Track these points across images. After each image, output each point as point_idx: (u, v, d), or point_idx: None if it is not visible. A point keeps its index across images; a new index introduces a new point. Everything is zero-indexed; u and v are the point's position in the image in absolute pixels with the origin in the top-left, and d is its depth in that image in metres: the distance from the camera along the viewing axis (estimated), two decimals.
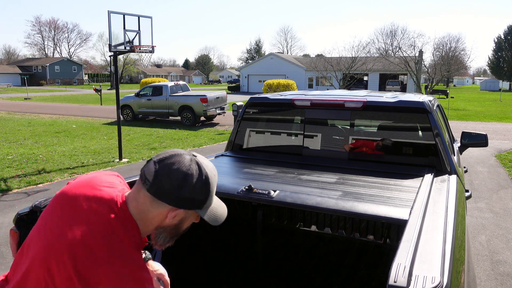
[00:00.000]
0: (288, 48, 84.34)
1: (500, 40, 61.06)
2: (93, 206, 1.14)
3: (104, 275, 1.02)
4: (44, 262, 1.07)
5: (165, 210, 1.13)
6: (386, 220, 1.73)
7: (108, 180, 1.25)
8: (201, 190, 1.13)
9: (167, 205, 1.12)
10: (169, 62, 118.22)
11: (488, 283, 3.56)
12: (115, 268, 1.03)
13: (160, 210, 1.13)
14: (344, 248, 2.65)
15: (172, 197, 1.10)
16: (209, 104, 15.06)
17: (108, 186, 1.22)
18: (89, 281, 1.02)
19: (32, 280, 1.09)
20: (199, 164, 1.14)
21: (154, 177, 1.10)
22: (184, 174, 1.11)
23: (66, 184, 1.28)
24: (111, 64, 37.41)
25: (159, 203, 1.12)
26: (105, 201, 1.15)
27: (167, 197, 1.10)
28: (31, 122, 15.91)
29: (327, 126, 3.10)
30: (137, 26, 8.26)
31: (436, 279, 1.12)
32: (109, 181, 1.24)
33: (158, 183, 1.10)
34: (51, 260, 1.06)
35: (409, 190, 2.12)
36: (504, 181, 7.12)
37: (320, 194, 2.04)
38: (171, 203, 1.11)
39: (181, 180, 1.10)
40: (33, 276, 1.08)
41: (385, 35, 33.98)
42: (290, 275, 2.71)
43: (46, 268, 1.06)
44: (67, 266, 1.04)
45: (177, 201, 1.11)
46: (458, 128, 13.53)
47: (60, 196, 1.21)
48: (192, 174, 1.11)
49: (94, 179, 1.24)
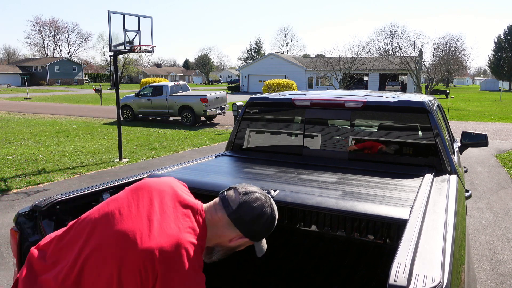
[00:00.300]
0: (288, 48, 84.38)
1: (500, 40, 61.07)
2: (180, 210, 1.27)
3: (178, 280, 1.12)
4: (118, 257, 1.12)
5: (235, 235, 1.31)
6: (386, 220, 1.73)
7: (180, 186, 1.41)
8: (267, 228, 1.33)
9: (239, 232, 1.30)
10: (169, 62, 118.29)
11: (488, 283, 3.56)
12: (188, 274, 1.14)
13: (230, 233, 1.31)
14: (344, 248, 2.65)
15: (247, 228, 1.29)
16: (209, 104, 15.06)
17: (186, 193, 1.38)
18: (161, 283, 1.12)
19: (92, 268, 1.13)
20: (272, 206, 1.35)
21: (238, 207, 1.29)
22: (262, 212, 1.30)
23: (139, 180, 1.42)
24: (111, 64, 37.41)
25: (233, 229, 1.30)
26: (189, 206, 1.30)
27: (242, 227, 1.29)
28: (31, 122, 15.91)
29: (327, 126, 3.10)
30: (137, 26, 8.26)
31: (436, 278, 1.12)
32: (183, 187, 1.41)
33: (240, 212, 1.28)
34: (130, 258, 1.12)
35: (409, 190, 2.12)
36: (504, 181, 7.12)
37: (320, 193, 2.04)
38: (242, 232, 1.30)
39: (257, 216, 1.29)
40: (96, 264, 1.13)
41: (385, 35, 34.04)
42: (290, 275, 2.71)
43: (117, 264, 1.12)
44: (147, 269, 1.11)
45: (248, 232, 1.30)
46: (458, 128, 13.53)
47: (139, 190, 1.31)
48: (267, 214, 1.31)
49: (173, 181, 1.40)
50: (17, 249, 1.79)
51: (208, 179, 2.33)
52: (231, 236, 1.31)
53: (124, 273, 1.11)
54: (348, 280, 2.59)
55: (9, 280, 3.59)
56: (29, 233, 1.82)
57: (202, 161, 2.92)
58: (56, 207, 1.88)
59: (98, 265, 1.12)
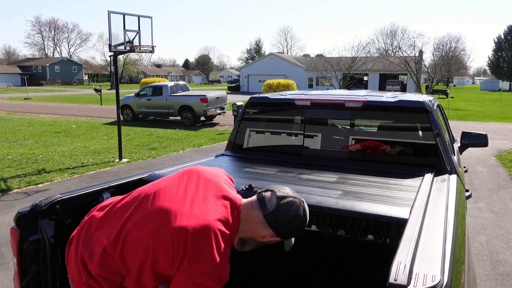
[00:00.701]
0: (288, 48, 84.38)
1: (500, 40, 61.07)
2: (220, 200, 1.41)
3: (203, 261, 1.24)
4: (154, 230, 1.30)
5: (267, 233, 1.42)
6: (386, 219, 1.74)
7: (227, 179, 1.55)
8: (298, 230, 1.42)
9: (272, 232, 1.41)
10: (169, 62, 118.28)
11: (488, 283, 3.56)
12: (213, 257, 1.26)
13: (263, 231, 1.42)
14: (344, 248, 2.65)
15: (280, 228, 1.40)
16: (209, 104, 15.06)
17: (229, 186, 1.51)
18: (188, 262, 1.25)
19: (134, 235, 1.32)
20: (304, 210, 1.44)
21: (274, 209, 1.39)
22: (295, 216, 1.40)
23: (188, 167, 1.60)
24: (111, 64, 37.41)
25: (267, 228, 1.40)
26: (229, 199, 1.43)
27: (276, 227, 1.39)
28: (31, 122, 15.91)
29: (327, 126, 3.10)
30: (137, 26, 8.26)
31: (436, 277, 1.12)
32: (229, 181, 1.55)
33: (276, 214, 1.38)
34: (164, 232, 1.29)
35: (409, 190, 2.12)
36: (504, 181, 7.12)
37: (320, 193, 2.05)
38: (275, 231, 1.40)
39: (291, 219, 1.39)
40: (137, 233, 1.31)
41: (385, 35, 34.03)
42: (290, 275, 2.71)
43: (153, 235, 1.29)
44: (179, 244, 1.27)
45: (280, 232, 1.40)
46: (458, 128, 13.53)
47: (191, 174, 1.50)
48: (299, 217, 1.41)
49: (221, 173, 1.56)
50: (17, 249, 1.79)
51: None
52: (264, 233, 1.42)
53: (157, 244, 1.28)
54: (348, 280, 2.59)
55: (9, 280, 3.59)
56: (29, 233, 1.82)
57: (202, 161, 2.92)
58: (56, 207, 1.88)
59: (139, 234, 1.31)
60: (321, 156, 3.01)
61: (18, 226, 1.79)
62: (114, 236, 1.34)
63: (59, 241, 1.91)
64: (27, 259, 1.82)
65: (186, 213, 1.31)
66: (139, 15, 8.28)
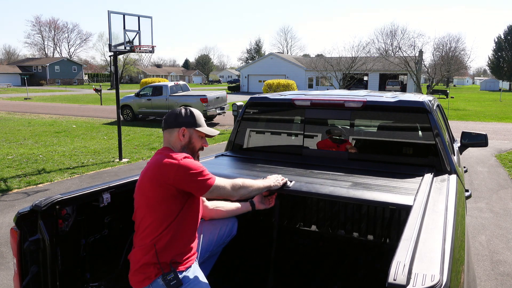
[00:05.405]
0: (288, 48, 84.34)
1: (500, 40, 61.07)
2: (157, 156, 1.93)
3: (174, 174, 1.80)
4: (138, 188, 1.90)
5: (176, 132, 1.96)
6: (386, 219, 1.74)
7: None
8: (189, 116, 1.99)
9: (175, 129, 1.96)
10: (169, 62, 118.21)
11: (488, 283, 3.56)
12: (182, 168, 1.81)
13: (174, 134, 1.97)
14: (344, 248, 2.65)
15: (174, 123, 1.97)
16: (209, 104, 15.06)
17: None
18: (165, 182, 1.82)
19: (140, 213, 1.89)
20: (185, 107, 2.03)
21: (164, 121, 2.01)
22: (177, 112, 2.00)
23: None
24: (111, 64, 37.40)
25: (171, 130, 1.97)
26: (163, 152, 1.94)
27: (171, 125, 1.97)
28: (31, 122, 15.91)
29: (327, 126, 3.11)
30: (137, 26, 8.26)
31: (435, 277, 1.12)
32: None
33: (166, 121, 1.99)
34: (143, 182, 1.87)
35: (409, 190, 2.12)
36: (504, 181, 7.12)
37: (332, 184, 2.07)
38: (175, 126, 1.96)
39: (175, 115, 1.99)
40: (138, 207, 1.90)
41: (385, 35, 33.82)
42: (290, 275, 2.71)
43: (140, 192, 1.90)
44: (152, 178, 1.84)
45: (177, 124, 1.97)
46: (458, 128, 13.53)
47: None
48: (181, 111, 2.00)
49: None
50: (17, 249, 1.79)
51: None
52: (176, 136, 1.96)
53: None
54: (348, 280, 2.59)
55: (9, 280, 3.59)
56: (29, 233, 1.82)
57: (202, 161, 2.92)
58: (56, 207, 1.88)
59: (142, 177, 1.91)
60: (321, 156, 3.01)
61: (18, 226, 1.80)
62: (142, 174, 1.94)
63: (59, 241, 1.91)
64: (27, 259, 1.82)
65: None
66: (139, 15, 8.28)
